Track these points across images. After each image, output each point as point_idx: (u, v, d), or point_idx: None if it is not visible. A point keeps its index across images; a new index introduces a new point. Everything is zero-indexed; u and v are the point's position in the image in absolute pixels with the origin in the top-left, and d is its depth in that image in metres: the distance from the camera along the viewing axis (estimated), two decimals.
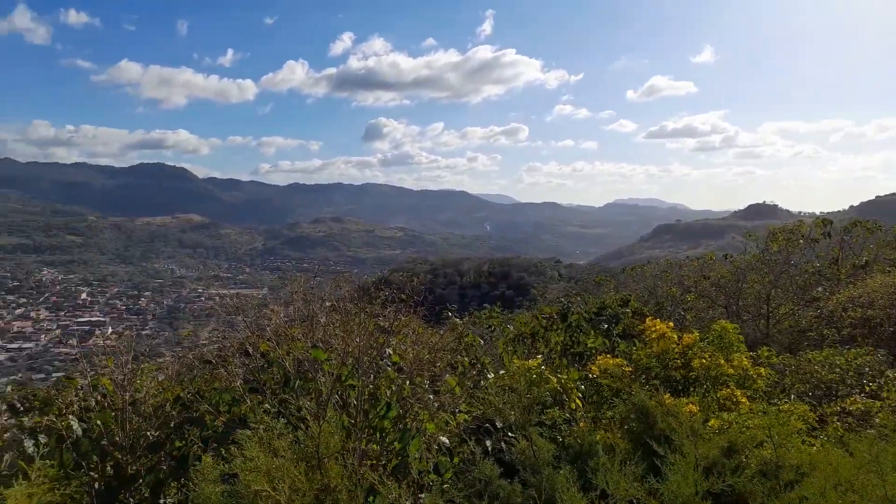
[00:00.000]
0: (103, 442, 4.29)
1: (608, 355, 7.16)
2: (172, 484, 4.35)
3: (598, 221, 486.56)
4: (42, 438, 4.07)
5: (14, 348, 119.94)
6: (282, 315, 5.90)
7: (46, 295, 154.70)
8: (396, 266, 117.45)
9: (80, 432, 4.18)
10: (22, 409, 4.50)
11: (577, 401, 5.85)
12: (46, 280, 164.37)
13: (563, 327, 8.06)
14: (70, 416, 4.28)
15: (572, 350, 8.42)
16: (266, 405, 4.54)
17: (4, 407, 4.66)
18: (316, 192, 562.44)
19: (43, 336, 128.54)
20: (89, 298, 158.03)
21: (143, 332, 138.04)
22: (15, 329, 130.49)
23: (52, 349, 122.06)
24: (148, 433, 4.48)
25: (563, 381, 6.04)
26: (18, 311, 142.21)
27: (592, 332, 7.92)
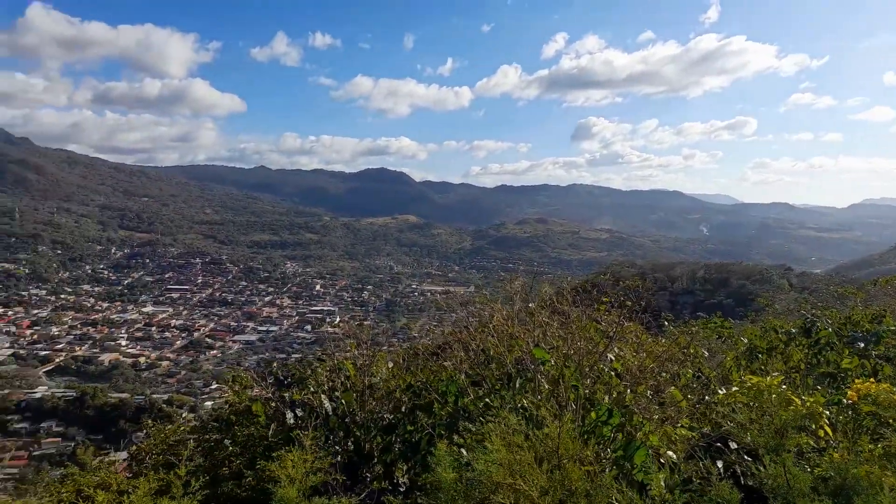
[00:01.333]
0: (346, 420, 4.69)
1: (869, 379, 5.96)
2: (401, 465, 4.57)
3: (839, 225, 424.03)
4: (298, 412, 4.54)
5: (263, 330, 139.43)
6: (504, 313, 5.80)
7: (289, 285, 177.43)
8: (602, 268, 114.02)
9: (329, 409, 4.65)
10: (285, 383, 4.98)
11: (827, 428, 4.94)
12: (289, 272, 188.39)
13: (808, 343, 6.99)
14: (322, 394, 4.67)
15: (819, 370, 7.23)
16: (487, 400, 4.50)
17: (272, 380, 5.20)
18: (522, 193, 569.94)
19: (285, 321, 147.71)
20: (322, 290, 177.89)
21: (365, 323, 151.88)
22: (264, 314, 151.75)
23: (292, 333, 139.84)
24: (385, 416, 4.74)
25: (808, 404, 5.11)
26: (267, 299, 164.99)
27: (846, 351, 6.75)
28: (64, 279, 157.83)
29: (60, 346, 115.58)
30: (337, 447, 4.50)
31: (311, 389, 4.99)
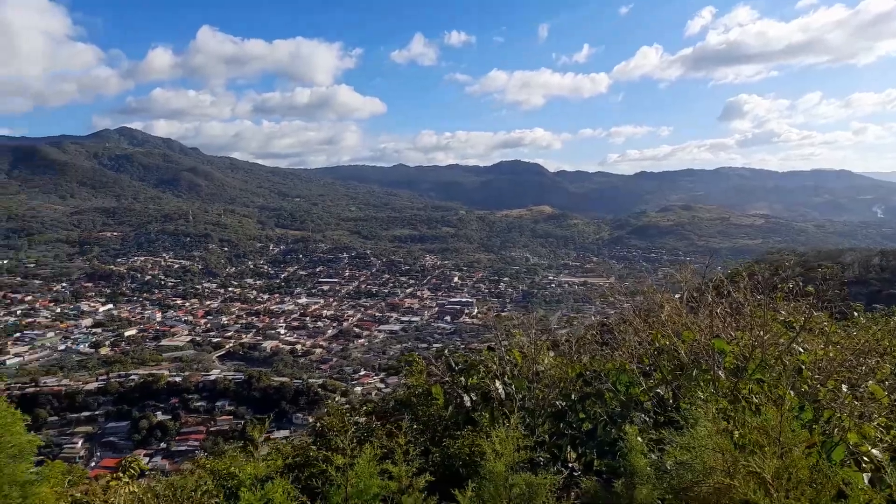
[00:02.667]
0: (519, 404, 4.85)
1: None
2: (570, 452, 4.63)
3: None
4: (473, 396, 4.80)
5: (405, 321, 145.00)
6: (674, 302, 5.62)
7: (428, 277, 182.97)
8: (757, 257, 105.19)
9: (503, 394, 4.81)
10: (456, 369, 5.23)
11: None
12: (428, 265, 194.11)
13: None
14: (497, 379, 4.86)
15: None
16: (659, 390, 4.42)
17: (444, 366, 5.46)
18: (664, 180, 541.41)
19: (426, 312, 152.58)
20: (460, 281, 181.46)
21: (502, 314, 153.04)
22: (406, 305, 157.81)
23: (432, 323, 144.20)
24: (556, 402, 4.82)
25: None
26: (408, 291, 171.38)
27: None
28: (231, 273, 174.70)
29: (229, 333, 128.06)
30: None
31: (481, 375, 5.16)
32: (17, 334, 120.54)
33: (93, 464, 66.93)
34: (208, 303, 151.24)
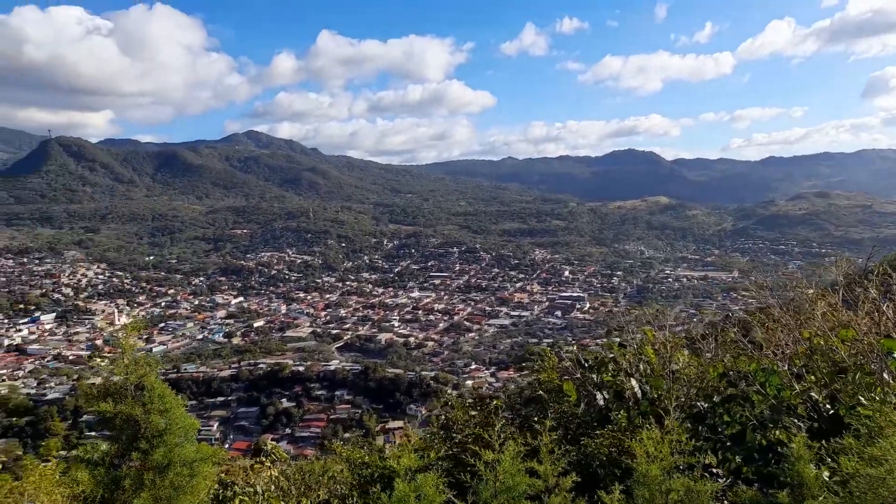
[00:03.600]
0: (656, 405, 4.68)
1: None
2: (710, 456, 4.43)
3: None
4: (606, 394, 4.74)
5: (515, 315, 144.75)
6: (829, 299, 5.29)
7: (538, 272, 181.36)
8: None
9: (639, 393, 4.66)
10: (586, 365, 5.23)
11: None
12: (538, 259, 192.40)
13: None
14: (632, 378, 4.79)
15: None
16: (812, 394, 4.17)
17: (570, 363, 5.48)
18: (795, 165, 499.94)
19: (536, 306, 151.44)
20: (570, 276, 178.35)
21: (615, 309, 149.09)
22: (516, 300, 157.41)
23: (542, 318, 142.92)
24: (696, 403, 4.67)
25: None
26: (518, 285, 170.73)
27: None
28: (348, 268, 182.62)
29: (347, 326, 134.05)
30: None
31: (613, 372, 5.09)
32: (162, 324, 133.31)
33: (227, 445, 72.77)
34: (328, 296, 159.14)
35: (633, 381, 4.72)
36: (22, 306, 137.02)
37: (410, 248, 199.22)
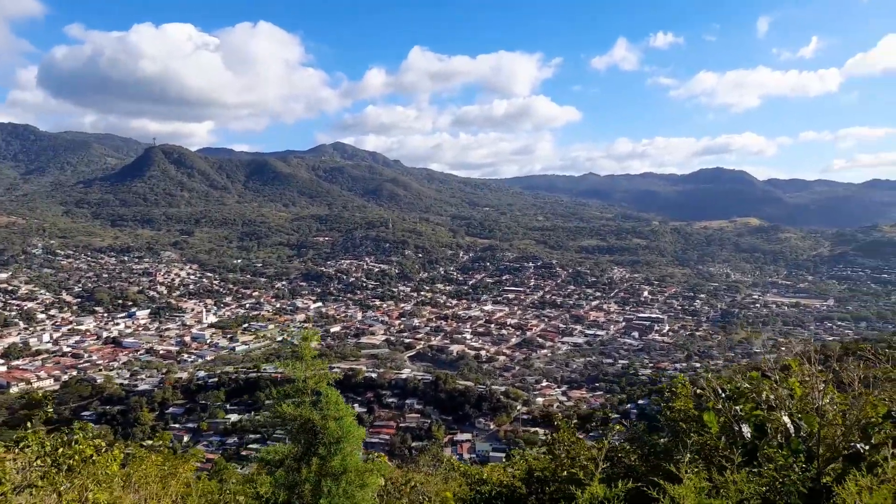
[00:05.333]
0: (809, 443, 4.32)
1: None
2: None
3: None
4: (748, 427, 4.42)
5: (590, 334, 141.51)
6: None
7: (616, 291, 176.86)
8: None
9: (791, 429, 4.34)
10: (722, 395, 4.98)
11: None
12: (616, 277, 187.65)
13: None
14: (783, 412, 4.51)
15: None
16: None
17: (705, 391, 5.25)
18: None
19: (612, 326, 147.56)
20: (650, 296, 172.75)
21: (696, 333, 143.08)
22: (591, 318, 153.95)
23: (618, 338, 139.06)
24: (855, 444, 4.30)
25: None
26: (594, 303, 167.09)
27: None
28: (423, 278, 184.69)
29: (420, 335, 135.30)
30: (800, 472, 4.07)
31: (753, 405, 4.78)
32: (245, 325, 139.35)
33: None
34: (403, 305, 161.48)
35: (786, 417, 4.39)
36: (120, 302, 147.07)
37: (486, 261, 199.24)
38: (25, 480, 6.00)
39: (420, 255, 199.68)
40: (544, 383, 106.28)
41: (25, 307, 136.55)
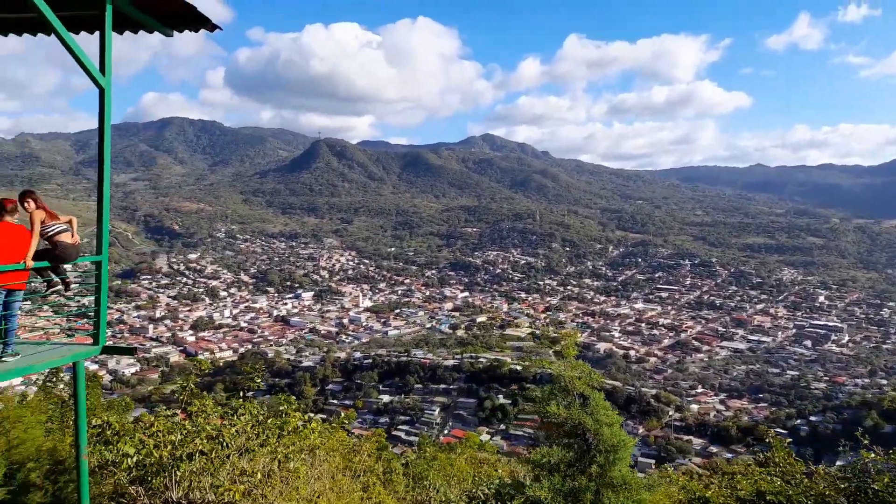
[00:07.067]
0: None
1: None
2: None
3: None
4: None
5: (753, 340, 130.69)
6: None
7: (785, 294, 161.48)
8: None
9: None
10: None
11: None
12: (786, 279, 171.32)
13: None
14: None
15: None
16: None
17: None
18: None
19: (779, 333, 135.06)
20: (826, 302, 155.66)
21: (884, 346, 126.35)
22: (755, 322, 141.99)
23: (787, 346, 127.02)
24: None
25: None
26: (759, 307, 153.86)
27: None
28: (570, 273, 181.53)
29: (566, 331, 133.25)
30: None
31: None
32: (397, 310, 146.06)
33: (446, 431, 77.33)
34: (548, 299, 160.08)
35: None
36: (288, 283, 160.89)
37: (637, 256, 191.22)
38: (244, 446, 6.70)
39: (567, 249, 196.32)
40: (700, 389, 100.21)
41: (210, 285, 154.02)
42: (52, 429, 11.10)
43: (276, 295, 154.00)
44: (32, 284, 7.40)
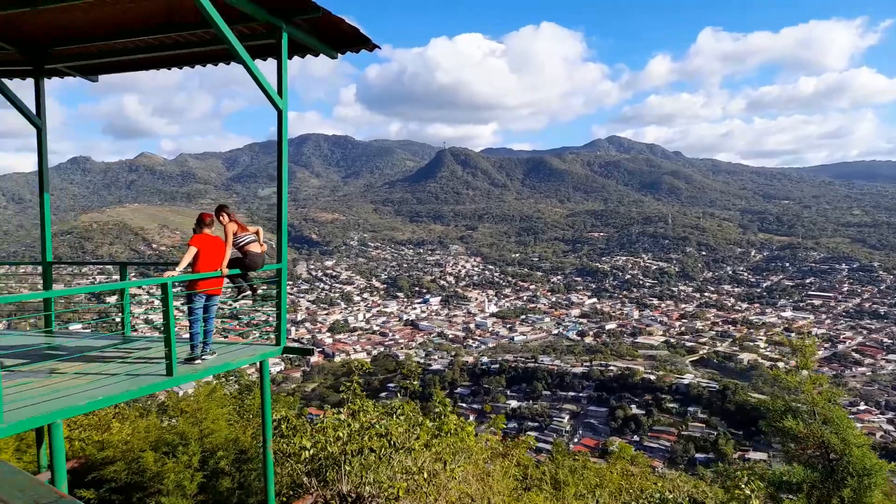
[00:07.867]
0: None
1: None
2: None
3: None
4: None
5: None
6: None
7: None
8: None
9: None
10: None
11: None
12: None
13: None
14: None
15: None
16: None
17: None
18: None
19: None
20: None
21: None
22: None
23: None
24: None
25: None
26: None
27: None
28: (707, 278, 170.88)
29: (703, 339, 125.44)
30: None
31: None
32: (523, 316, 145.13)
33: (576, 439, 75.40)
34: (683, 306, 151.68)
35: None
36: (417, 289, 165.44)
37: (783, 260, 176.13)
38: (407, 444, 6.74)
39: (703, 253, 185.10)
40: (862, 406, 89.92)
41: (345, 290, 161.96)
42: (233, 420, 12.03)
43: (405, 300, 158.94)
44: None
